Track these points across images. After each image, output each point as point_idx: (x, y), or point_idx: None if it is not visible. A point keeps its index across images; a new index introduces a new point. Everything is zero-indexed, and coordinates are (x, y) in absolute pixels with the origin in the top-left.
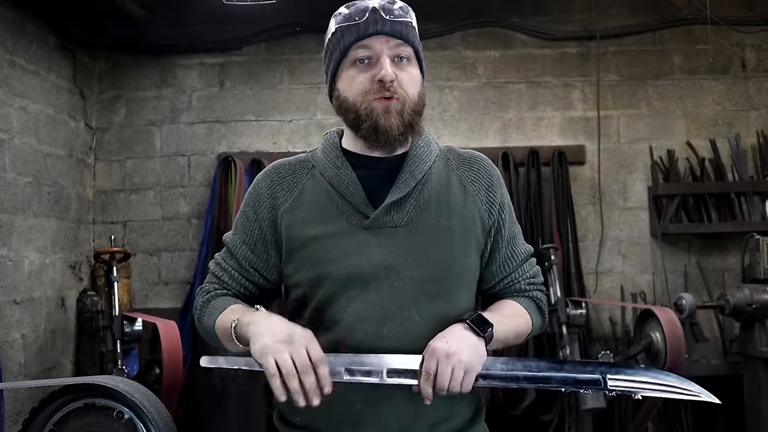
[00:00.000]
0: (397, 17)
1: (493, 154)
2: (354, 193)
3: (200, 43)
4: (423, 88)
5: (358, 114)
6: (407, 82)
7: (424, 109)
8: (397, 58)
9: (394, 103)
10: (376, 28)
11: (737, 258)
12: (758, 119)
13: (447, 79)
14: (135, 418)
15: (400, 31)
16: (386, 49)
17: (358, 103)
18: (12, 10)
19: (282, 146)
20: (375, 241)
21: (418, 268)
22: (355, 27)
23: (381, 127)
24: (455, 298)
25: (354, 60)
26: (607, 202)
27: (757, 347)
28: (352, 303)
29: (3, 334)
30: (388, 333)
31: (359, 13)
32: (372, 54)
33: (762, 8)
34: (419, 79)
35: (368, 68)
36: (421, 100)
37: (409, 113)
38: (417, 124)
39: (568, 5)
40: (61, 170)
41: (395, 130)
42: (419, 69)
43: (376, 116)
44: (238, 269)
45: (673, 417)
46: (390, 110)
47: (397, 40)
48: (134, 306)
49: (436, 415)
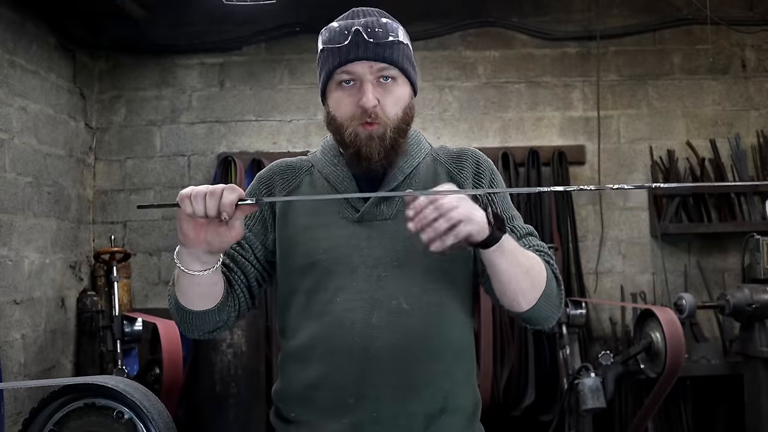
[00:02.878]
0: (381, 39)
1: (493, 154)
2: (348, 188)
3: (200, 43)
4: (411, 101)
5: (343, 138)
6: (390, 104)
7: (410, 124)
8: (382, 78)
9: (376, 128)
10: (357, 54)
11: (737, 258)
12: (758, 119)
13: (447, 79)
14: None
15: (382, 54)
16: (369, 74)
17: (344, 126)
18: (12, 10)
19: (282, 146)
20: (365, 233)
21: (405, 258)
22: (337, 51)
23: (363, 154)
24: (447, 285)
25: (339, 82)
26: (607, 202)
27: (757, 347)
28: (340, 293)
29: (3, 334)
30: (377, 321)
31: (342, 35)
32: (355, 78)
33: (762, 8)
34: (406, 96)
35: (353, 91)
36: (405, 117)
37: (391, 137)
38: (399, 145)
39: (568, 5)
40: (61, 170)
41: (375, 157)
42: (409, 82)
43: (359, 143)
44: (233, 244)
45: (673, 416)
46: (372, 137)
47: (380, 64)
48: (134, 306)
49: (431, 407)
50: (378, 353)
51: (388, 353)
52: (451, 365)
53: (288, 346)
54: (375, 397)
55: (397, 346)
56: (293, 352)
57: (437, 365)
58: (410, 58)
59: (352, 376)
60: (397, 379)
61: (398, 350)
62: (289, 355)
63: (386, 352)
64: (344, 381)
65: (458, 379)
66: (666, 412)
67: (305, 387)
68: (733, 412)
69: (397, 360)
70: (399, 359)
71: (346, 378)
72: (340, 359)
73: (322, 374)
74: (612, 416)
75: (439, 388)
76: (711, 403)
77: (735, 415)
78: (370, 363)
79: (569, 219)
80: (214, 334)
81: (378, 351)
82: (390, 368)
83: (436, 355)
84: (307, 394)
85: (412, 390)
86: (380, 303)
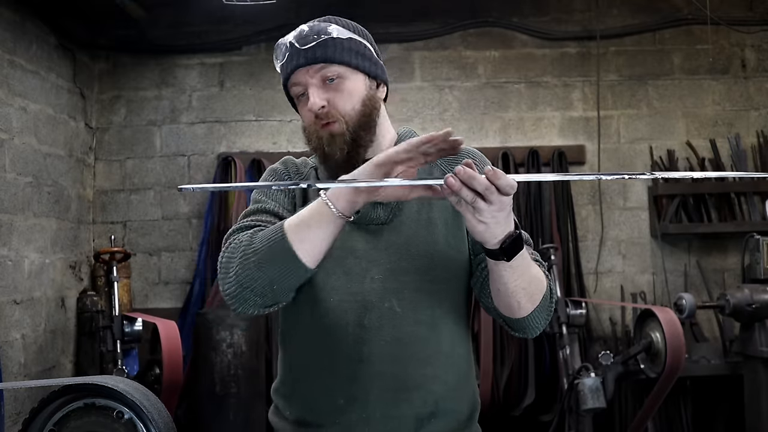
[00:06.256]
0: (311, 43)
1: (493, 154)
2: None
3: (200, 43)
4: (371, 91)
5: (312, 144)
6: (341, 101)
7: (375, 114)
8: (328, 80)
9: (335, 126)
10: (293, 64)
11: (737, 258)
12: (758, 119)
13: (447, 79)
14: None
15: (314, 55)
16: (310, 78)
17: (310, 133)
18: (12, 10)
19: (282, 146)
20: (360, 237)
21: (399, 261)
22: (282, 68)
23: (326, 153)
24: (441, 288)
25: (297, 96)
26: (607, 202)
27: (757, 347)
28: (335, 294)
29: (3, 334)
30: (369, 323)
31: (281, 52)
32: (303, 87)
33: (762, 8)
34: (360, 88)
35: (306, 101)
36: (366, 108)
37: (351, 132)
38: (362, 138)
39: (568, 5)
40: (61, 170)
41: (338, 154)
42: (365, 73)
43: (322, 144)
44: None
45: (673, 416)
46: (333, 135)
47: (315, 66)
48: (134, 306)
49: (421, 410)
50: (370, 355)
51: (379, 355)
52: (442, 368)
53: (285, 346)
54: (365, 399)
55: (388, 349)
56: (289, 352)
57: (429, 368)
58: (355, 50)
59: (343, 378)
60: (388, 381)
61: (390, 353)
62: (286, 356)
63: (378, 355)
64: (336, 382)
65: (450, 383)
66: (666, 412)
67: (299, 387)
68: (733, 412)
69: (388, 362)
70: (390, 362)
71: (338, 379)
72: (333, 361)
73: (315, 375)
74: (612, 416)
75: (430, 391)
76: (711, 403)
77: (735, 415)
78: (362, 365)
79: (569, 219)
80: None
81: (370, 353)
82: (381, 370)
83: (428, 358)
84: (301, 394)
85: (402, 392)
86: (373, 305)
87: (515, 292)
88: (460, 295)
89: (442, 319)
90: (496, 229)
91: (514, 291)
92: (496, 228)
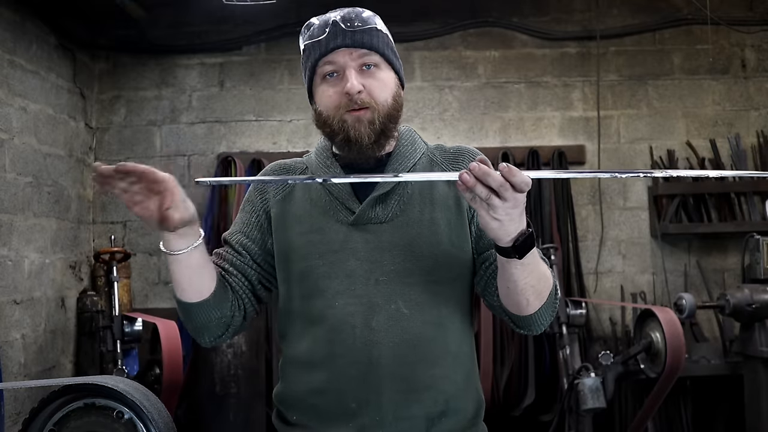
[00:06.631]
0: (358, 27)
1: (493, 154)
2: (341, 190)
3: (200, 43)
4: (399, 89)
5: (332, 128)
6: (377, 89)
7: (400, 112)
8: (365, 66)
9: (365, 113)
10: (336, 42)
11: (737, 258)
12: (758, 119)
13: (447, 79)
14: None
15: (361, 40)
16: (350, 61)
17: (331, 117)
18: (12, 10)
19: (282, 146)
20: (361, 237)
21: (403, 262)
22: (318, 44)
23: (353, 138)
24: (446, 288)
25: (323, 75)
26: (607, 202)
27: (757, 347)
28: (339, 297)
29: (3, 334)
30: (377, 326)
31: (321, 28)
32: (338, 68)
33: (762, 8)
34: (392, 83)
35: (337, 82)
36: (395, 104)
37: (380, 121)
38: (390, 130)
39: (568, 5)
40: (61, 170)
41: (366, 140)
42: (394, 72)
43: (347, 128)
44: (232, 252)
45: (673, 416)
46: (361, 121)
47: (360, 50)
48: (134, 306)
49: (432, 410)
50: (379, 357)
51: (388, 357)
52: (451, 368)
53: (289, 350)
54: (377, 402)
55: (397, 350)
56: (294, 356)
57: (437, 368)
58: (391, 47)
59: (353, 381)
60: (398, 382)
61: (399, 354)
62: (290, 360)
63: (387, 357)
64: (346, 386)
65: (459, 382)
66: (666, 412)
67: (307, 392)
68: (733, 412)
69: (397, 364)
70: (400, 363)
71: (348, 383)
72: (342, 364)
73: (323, 379)
74: (612, 416)
75: (441, 391)
76: (711, 403)
77: (735, 415)
78: (371, 367)
79: (569, 219)
80: (223, 338)
81: (379, 355)
82: (391, 372)
83: (437, 358)
84: (309, 399)
85: (413, 393)
86: (379, 307)
87: (524, 290)
88: (464, 294)
89: (448, 318)
90: (510, 227)
91: (523, 289)
92: (510, 225)
